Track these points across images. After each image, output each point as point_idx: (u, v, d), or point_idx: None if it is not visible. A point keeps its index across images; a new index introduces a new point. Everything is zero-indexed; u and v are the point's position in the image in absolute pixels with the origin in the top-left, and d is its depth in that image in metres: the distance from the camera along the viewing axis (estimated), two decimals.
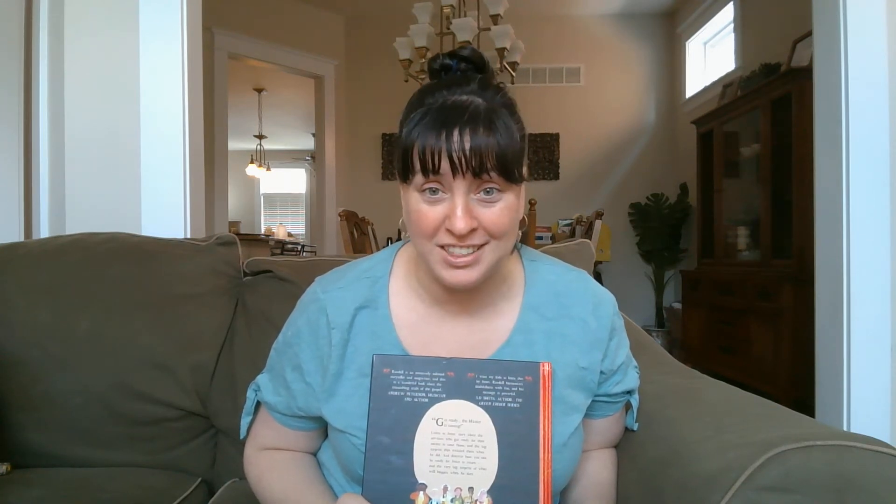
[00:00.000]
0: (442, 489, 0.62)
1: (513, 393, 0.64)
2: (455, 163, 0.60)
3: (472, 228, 0.62)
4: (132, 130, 1.64)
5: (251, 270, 1.24)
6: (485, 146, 0.60)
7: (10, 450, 1.05)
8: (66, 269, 1.13)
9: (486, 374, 0.65)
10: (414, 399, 0.64)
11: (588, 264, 1.21)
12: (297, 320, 0.77)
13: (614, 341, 0.76)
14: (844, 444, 0.59)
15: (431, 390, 0.64)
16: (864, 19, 1.69)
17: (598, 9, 5.13)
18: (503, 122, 0.62)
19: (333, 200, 5.07)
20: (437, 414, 0.64)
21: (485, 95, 0.64)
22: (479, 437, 0.63)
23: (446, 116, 0.61)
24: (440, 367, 0.65)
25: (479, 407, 0.64)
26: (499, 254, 0.66)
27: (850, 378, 1.69)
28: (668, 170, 5.18)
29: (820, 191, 1.84)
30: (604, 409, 0.78)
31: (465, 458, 0.63)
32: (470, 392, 0.64)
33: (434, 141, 0.60)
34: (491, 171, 0.61)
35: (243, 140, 8.61)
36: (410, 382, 0.64)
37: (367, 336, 0.73)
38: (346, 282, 0.75)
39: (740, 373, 3.28)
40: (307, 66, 4.95)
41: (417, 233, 0.65)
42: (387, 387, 0.64)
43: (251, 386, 0.81)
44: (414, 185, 0.64)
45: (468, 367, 0.65)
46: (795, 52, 3.19)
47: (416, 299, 0.74)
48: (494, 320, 0.74)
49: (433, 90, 0.65)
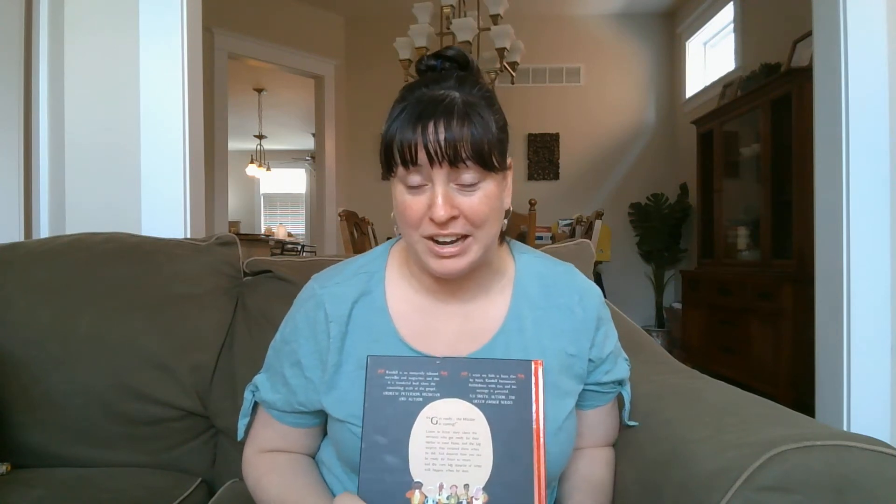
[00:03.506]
0: (438, 487, 0.62)
1: (506, 390, 0.65)
2: (431, 154, 0.63)
3: (452, 216, 0.65)
4: (132, 130, 1.64)
5: (251, 270, 1.24)
6: (459, 136, 0.63)
7: (10, 450, 1.05)
8: (66, 269, 1.13)
9: (480, 373, 0.66)
10: (408, 399, 0.65)
11: (588, 264, 1.21)
12: (295, 316, 0.78)
13: (601, 331, 0.78)
14: (844, 444, 0.59)
15: (426, 390, 0.65)
16: (864, 19, 1.69)
17: (598, 9, 5.13)
18: (478, 114, 0.65)
19: (333, 200, 5.07)
20: (431, 413, 0.64)
21: (462, 89, 0.66)
22: (474, 435, 0.64)
23: (423, 110, 0.64)
24: (434, 366, 0.66)
25: (473, 405, 0.65)
26: (483, 243, 0.68)
27: (850, 378, 1.69)
28: (668, 170, 5.18)
29: (820, 191, 1.84)
30: (595, 398, 0.79)
31: (460, 455, 0.63)
32: (464, 391, 0.65)
33: (411, 134, 0.63)
34: (467, 160, 0.63)
35: (243, 140, 8.60)
36: (405, 382, 0.65)
37: (365, 328, 0.74)
38: (342, 277, 0.77)
39: (740, 373, 3.28)
40: (307, 66, 4.95)
41: (404, 224, 0.68)
42: (381, 387, 0.65)
43: (248, 387, 0.81)
44: (398, 177, 0.67)
45: (461, 367, 0.66)
46: (795, 52, 3.19)
47: (411, 290, 0.77)
48: (488, 309, 0.76)
49: (414, 87, 0.68)
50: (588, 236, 3.08)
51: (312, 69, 4.99)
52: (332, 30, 5.16)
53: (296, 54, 4.84)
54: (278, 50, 4.73)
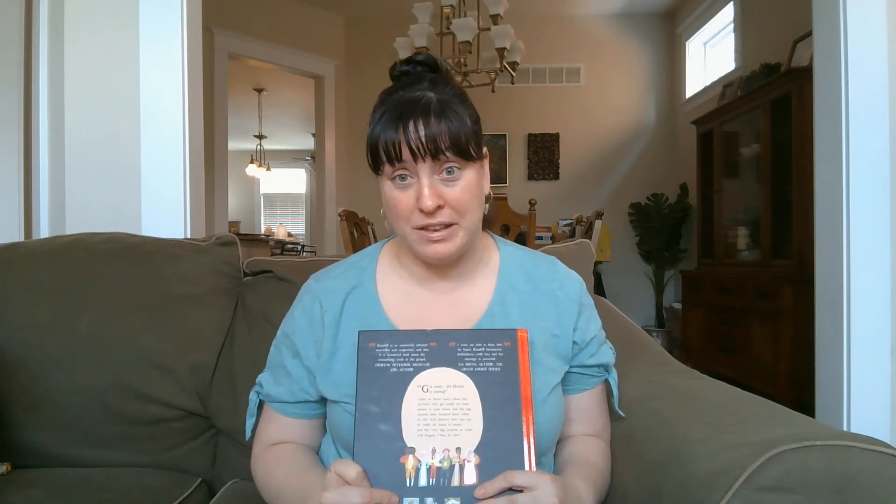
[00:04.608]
0: (430, 451, 0.65)
1: (493, 358, 0.68)
2: (414, 150, 0.69)
3: (438, 205, 0.70)
4: (132, 130, 1.64)
5: (251, 270, 1.24)
6: (438, 131, 0.69)
7: (10, 450, 1.05)
8: (66, 269, 1.13)
9: (467, 343, 0.69)
10: (399, 369, 0.68)
11: (588, 264, 1.21)
12: (294, 311, 0.83)
13: (584, 316, 0.82)
14: (844, 444, 0.59)
15: (416, 360, 0.68)
16: (864, 19, 1.69)
17: (598, 9, 5.13)
18: (453, 110, 0.71)
19: (333, 200, 5.07)
20: (422, 381, 0.67)
21: (436, 90, 0.72)
22: (464, 401, 0.67)
23: (402, 111, 0.70)
24: (423, 338, 0.69)
25: (462, 372, 0.68)
26: (469, 228, 0.74)
27: (850, 378, 1.69)
28: (668, 170, 5.18)
29: (820, 191, 1.84)
30: (581, 382, 0.82)
31: (451, 420, 0.66)
32: (452, 360, 0.68)
33: (393, 134, 0.69)
34: (447, 151, 0.69)
35: (243, 140, 8.60)
36: (395, 354, 0.68)
37: (358, 317, 0.79)
38: (336, 273, 0.84)
39: (740, 373, 3.28)
40: (307, 66, 4.95)
41: (395, 217, 0.73)
42: (373, 359, 0.68)
43: (253, 388, 0.85)
44: (385, 174, 0.72)
45: (450, 338, 0.69)
46: (795, 52, 3.19)
47: (401, 282, 0.82)
48: (474, 295, 0.81)
49: (392, 91, 0.74)
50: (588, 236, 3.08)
51: (312, 69, 4.99)
52: (332, 30, 5.16)
53: (296, 54, 4.83)
54: (278, 50, 4.73)
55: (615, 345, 0.87)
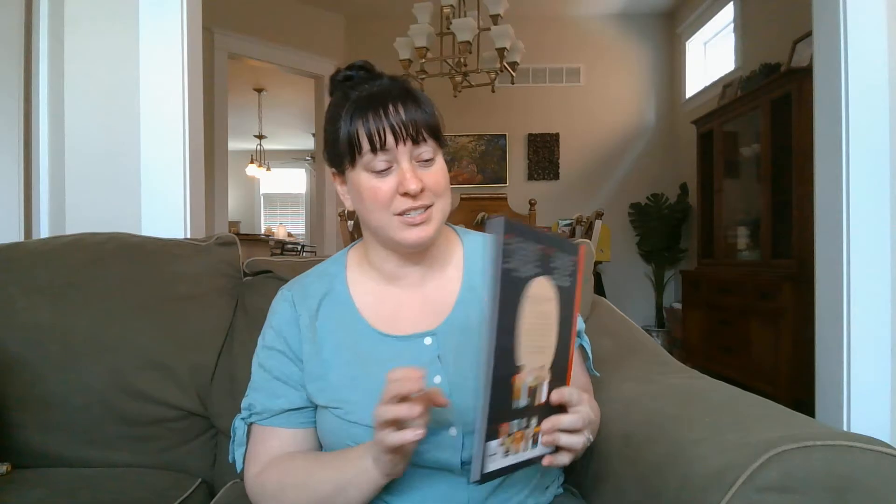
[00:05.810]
0: (530, 370, 0.60)
1: (568, 272, 0.63)
2: (397, 132, 0.71)
3: (421, 188, 0.72)
4: (132, 131, 1.64)
5: (251, 270, 1.24)
6: (416, 116, 0.72)
7: (10, 450, 1.04)
8: (66, 269, 1.13)
9: (559, 250, 0.61)
10: (520, 274, 0.57)
11: (588, 264, 1.21)
12: (271, 321, 0.84)
13: None
14: (844, 444, 0.59)
15: (531, 265, 0.58)
16: (864, 19, 1.69)
17: (599, 9, 5.13)
18: (422, 98, 0.75)
19: (333, 200, 5.06)
20: (531, 292, 0.58)
21: (394, 82, 0.76)
22: (549, 316, 0.61)
23: (378, 99, 0.72)
24: (537, 239, 0.58)
25: (553, 284, 0.61)
26: (443, 211, 0.77)
27: (850, 378, 1.68)
28: (668, 170, 5.18)
29: (820, 191, 1.84)
30: None
31: (540, 336, 0.61)
32: (549, 268, 0.60)
33: (374, 120, 0.71)
34: (425, 133, 0.73)
35: (243, 140, 8.60)
36: (523, 254, 0.57)
37: (334, 319, 0.81)
38: (308, 279, 0.86)
39: (740, 373, 3.28)
40: (307, 66, 4.95)
41: (375, 207, 0.74)
42: (505, 256, 0.55)
43: (237, 418, 0.82)
44: (362, 164, 0.73)
45: (549, 242, 0.60)
46: (795, 52, 3.19)
47: (371, 283, 0.83)
48: (444, 286, 0.83)
49: (353, 88, 0.76)
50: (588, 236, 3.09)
51: (312, 69, 4.98)
52: (332, 30, 5.16)
53: (296, 54, 4.83)
54: (278, 50, 4.73)
55: (615, 345, 0.87)
